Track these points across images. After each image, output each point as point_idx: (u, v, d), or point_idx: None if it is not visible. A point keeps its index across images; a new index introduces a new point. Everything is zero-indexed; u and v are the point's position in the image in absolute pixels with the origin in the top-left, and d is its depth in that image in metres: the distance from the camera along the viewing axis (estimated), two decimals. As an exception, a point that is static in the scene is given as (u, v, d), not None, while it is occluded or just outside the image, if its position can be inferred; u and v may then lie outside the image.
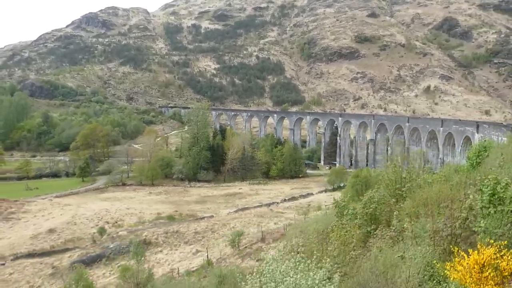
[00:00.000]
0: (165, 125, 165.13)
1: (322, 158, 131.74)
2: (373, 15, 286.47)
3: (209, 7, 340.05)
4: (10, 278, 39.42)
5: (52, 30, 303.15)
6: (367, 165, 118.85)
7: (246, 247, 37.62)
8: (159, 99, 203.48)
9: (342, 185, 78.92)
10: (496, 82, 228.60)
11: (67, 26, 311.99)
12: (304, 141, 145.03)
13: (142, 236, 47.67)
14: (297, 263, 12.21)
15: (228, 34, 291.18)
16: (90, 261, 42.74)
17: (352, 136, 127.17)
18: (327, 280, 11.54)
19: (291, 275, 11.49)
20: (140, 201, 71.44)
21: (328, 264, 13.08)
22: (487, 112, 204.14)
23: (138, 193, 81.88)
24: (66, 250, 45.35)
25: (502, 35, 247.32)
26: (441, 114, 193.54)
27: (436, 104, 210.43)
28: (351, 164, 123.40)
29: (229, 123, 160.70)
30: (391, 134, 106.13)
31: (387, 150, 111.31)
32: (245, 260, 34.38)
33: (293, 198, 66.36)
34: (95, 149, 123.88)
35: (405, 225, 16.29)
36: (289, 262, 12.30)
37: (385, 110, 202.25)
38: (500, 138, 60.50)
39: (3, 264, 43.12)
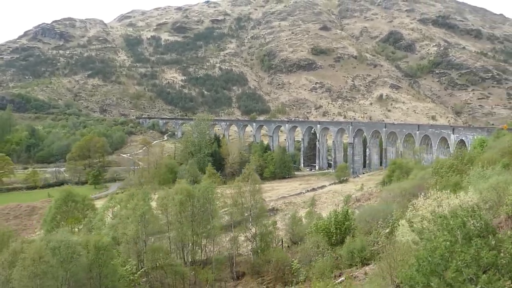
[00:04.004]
0: (146, 135, 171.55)
1: (301, 161, 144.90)
2: (325, 28, 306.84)
3: (166, 19, 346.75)
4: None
5: (6, 42, 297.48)
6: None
7: (350, 205, 50.75)
8: (132, 111, 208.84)
9: (345, 178, 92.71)
10: (439, 90, 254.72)
11: (20, 37, 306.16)
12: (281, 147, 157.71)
13: (270, 206, 61.09)
14: None
15: (189, 46, 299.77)
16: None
17: (329, 141, 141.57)
18: None
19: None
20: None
21: None
22: (433, 118, 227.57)
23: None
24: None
25: (442, 48, 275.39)
26: (394, 120, 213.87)
27: (389, 111, 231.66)
28: (329, 166, 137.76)
29: (208, 132, 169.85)
30: (369, 138, 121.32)
31: (364, 151, 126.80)
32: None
33: (313, 189, 77.76)
34: (90, 160, 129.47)
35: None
36: None
37: (344, 117, 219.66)
38: (475, 136, 75.62)
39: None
